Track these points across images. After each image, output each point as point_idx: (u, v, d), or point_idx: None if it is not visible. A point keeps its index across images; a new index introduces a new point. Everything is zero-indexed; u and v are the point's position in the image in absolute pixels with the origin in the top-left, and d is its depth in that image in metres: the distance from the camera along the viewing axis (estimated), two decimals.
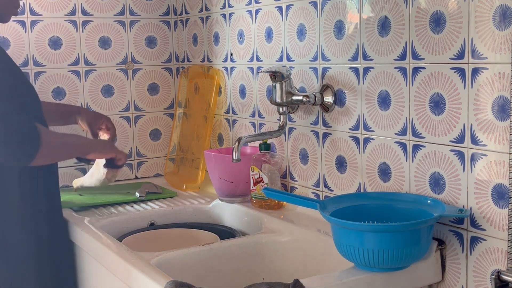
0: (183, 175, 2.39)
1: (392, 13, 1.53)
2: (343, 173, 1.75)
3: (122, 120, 2.48)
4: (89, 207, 2.07)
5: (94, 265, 1.77)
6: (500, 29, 1.28)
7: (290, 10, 1.89)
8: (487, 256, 1.36)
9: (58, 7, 2.34)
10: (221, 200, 2.04)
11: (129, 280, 1.49)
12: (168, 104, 2.57)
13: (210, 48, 2.35)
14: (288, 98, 1.78)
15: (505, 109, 1.28)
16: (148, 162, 2.53)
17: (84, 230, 1.79)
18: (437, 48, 1.42)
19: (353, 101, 1.68)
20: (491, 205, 1.33)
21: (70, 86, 2.38)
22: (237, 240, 1.70)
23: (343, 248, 1.35)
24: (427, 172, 1.48)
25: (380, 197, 1.53)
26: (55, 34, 2.34)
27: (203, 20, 2.38)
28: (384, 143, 1.60)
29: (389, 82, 1.56)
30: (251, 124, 2.14)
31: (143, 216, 2.01)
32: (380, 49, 1.58)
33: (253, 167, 1.91)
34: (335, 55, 1.73)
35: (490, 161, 1.33)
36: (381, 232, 1.31)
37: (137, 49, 2.49)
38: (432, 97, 1.45)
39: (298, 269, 1.65)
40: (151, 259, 1.52)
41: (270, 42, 1.99)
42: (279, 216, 1.82)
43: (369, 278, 1.33)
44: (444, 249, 1.45)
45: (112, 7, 2.44)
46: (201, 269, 1.60)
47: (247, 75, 2.13)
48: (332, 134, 1.77)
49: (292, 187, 1.96)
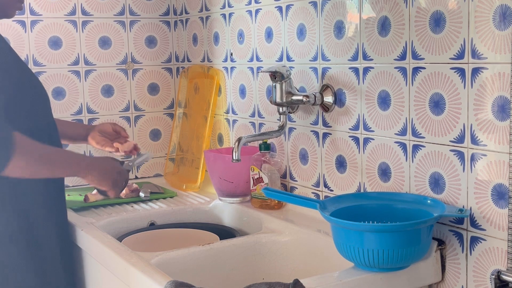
0: (183, 175, 2.39)
1: (392, 13, 1.53)
2: (343, 173, 1.75)
3: (122, 120, 2.48)
4: (89, 207, 2.07)
5: (94, 265, 1.77)
6: (500, 29, 1.28)
7: (290, 10, 1.89)
8: (487, 256, 1.36)
9: (58, 7, 2.34)
10: (221, 200, 2.04)
11: (129, 280, 1.49)
12: (168, 104, 2.57)
13: (210, 48, 2.35)
14: (288, 98, 1.78)
15: (505, 109, 1.28)
16: (148, 162, 2.53)
17: (84, 230, 1.79)
18: (437, 48, 1.42)
19: (353, 101, 1.68)
20: (491, 205, 1.33)
21: (70, 86, 2.38)
22: (237, 240, 1.70)
23: (343, 248, 1.35)
24: (427, 172, 1.48)
25: (380, 197, 1.53)
26: (55, 34, 2.34)
27: (203, 20, 2.38)
28: (384, 143, 1.60)
29: (389, 82, 1.56)
30: (251, 124, 2.14)
31: (143, 216, 2.01)
32: (380, 49, 1.58)
33: (253, 167, 1.91)
34: (335, 55, 1.73)
35: (490, 161, 1.33)
36: (381, 232, 1.31)
37: (137, 49, 2.49)
38: (432, 97, 1.45)
39: (298, 269, 1.65)
40: (151, 259, 1.52)
41: (270, 42, 1.99)
42: (279, 216, 1.82)
43: (369, 278, 1.33)
44: (444, 249, 1.45)
45: (112, 7, 2.44)
46: (201, 269, 1.60)
47: (247, 75, 2.13)
48: (332, 134, 1.77)
49: (292, 187, 1.96)
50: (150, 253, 1.57)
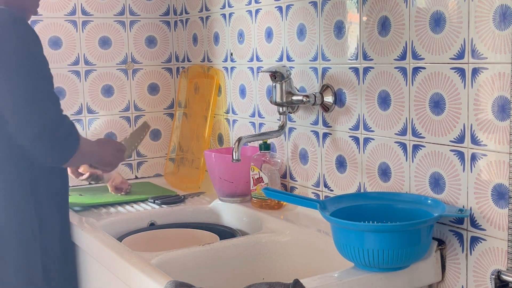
0: (183, 175, 2.39)
1: (392, 13, 1.53)
2: (343, 173, 1.75)
3: (122, 120, 2.48)
4: (89, 207, 2.07)
5: (94, 265, 1.77)
6: (500, 29, 1.28)
7: (290, 10, 1.89)
8: (487, 256, 1.36)
9: (58, 7, 2.34)
10: (221, 200, 2.04)
11: (129, 280, 1.49)
12: (168, 104, 2.57)
13: (210, 48, 2.35)
14: (288, 98, 1.78)
15: (505, 109, 1.28)
16: (148, 162, 2.53)
17: (84, 230, 1.79)
18: (437, 48, 1.42)
19: (353, 101, 1.68)
20: (491, 205, 1.33)
21: (70, 86, 2.38)
22: (237, 240, 1.70)
23: (343, 248, 1.35)
24: (427, 172, 1.48)
25: (380, 197, 1.53)
26: (55, 34, 2.34)
27: (203, 20, 2.38)
28: (384, 143, 1.60)
29: (389, 82, 1.56)
30: (251, 124, 2.14)
31: (143, 216, 2.01)
32: (380, 49, 1.58)
33: (253, 167, 1.91)
34: (335, 55, 1.73)
35: (490, 161, 1.33)
36: (381, 232, 1.31)
37: (137, 49, 2.49)
38: (432, 97, 1.45)
39: (298, 269, 1.65)
40: (151, 259, 1.52)
41: (270, 42, 1.99)
42: (279, 216, 1.82)
43: (369, 278, 1.33)
44: (444, 249, 1.45)
45: (112, 7, 2.44)
46: (201, 269, 1.60)
47: (247, 75, 2.13)
48: (332, 134, 1.77)
49: (292, 187, 1.96)
50: (150, 253, 1.57)
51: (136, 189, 2.28)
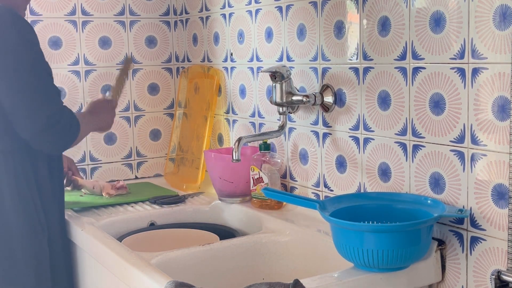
0: (183, 175, 2.39)
1: (392, 13, 1.53)
2: (343, 173, 1.75)
3: (122, 120, 2.48)
4: (89, 207, 2.07)
5: (94, 265, 1.77)
6: (500, 29, 1.27)
7: (290, 10, 1.89)
8: (487, 256, 1.36)
9: (58, 7, 2.34)
10: (221, 200, 2.04)
11: (129, 280, 1.49)
12: (168, 104, 2.57)
13: (210, 48, 2.35)
14: (288, 98, 1.78)
15: (505, 109, 1.28)
16: (148, 162, 2.54)
17: (84, 230, 1.79)
18: (437, 48, 1.42)
19: (353, 101, 1.68)
20: (491, 205, 1.33)
21: (70, 86, 2.38)
22: (237, 240, 1.70)
23: (342, 249, 1.35)
24: (427, 172, 1.48)
25: (380, 197, 1.53)
26: (55, 34, 2.34)
27: (203, 20, 2.38)
28: (384, 143, 1.60)
29: (389, 82, 1.56)
30: (251, 124, 2.14)
31: (143, 216, 2.01)
32: (380, 49, 1.58)
33: (253, 167, 1.91)
34: (335, 55, 1.73)
35: (490, 161, 1.33)
36: (381, 232, 1.31)
37: (137, 49, 2.49)
38: (432, 97, 1.45)
39: (298, 269, 1.65)
40: (151, 259, 1.52)
41: (270, 42, 1.99)
42: (279, 216, 1.82)
43: (369, 278, 1.33)
44: (444, 249, 1.45)
45: (112, 7, 2.44)
46: (201, 269, 1.60)
47: (247, 75, 2.13)
48: (332, 134, 1.77)
49: (292, 187, 1.96)
50: (150, 253, 1.57)
51: (136, 189, 2.28)
